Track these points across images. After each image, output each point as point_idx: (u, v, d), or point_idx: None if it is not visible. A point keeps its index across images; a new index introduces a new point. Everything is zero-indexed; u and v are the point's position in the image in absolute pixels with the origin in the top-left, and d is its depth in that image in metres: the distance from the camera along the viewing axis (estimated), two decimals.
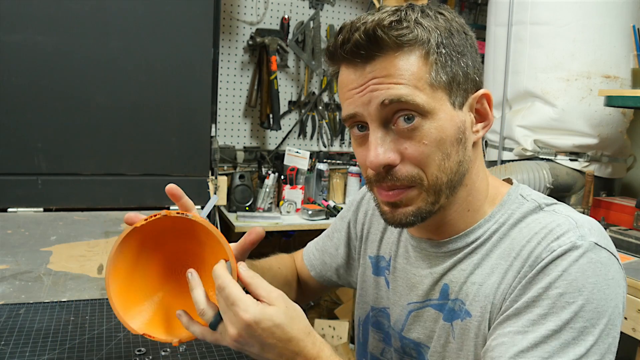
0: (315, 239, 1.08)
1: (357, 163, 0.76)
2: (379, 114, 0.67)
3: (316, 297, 2.31)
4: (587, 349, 0.62)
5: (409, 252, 0.83)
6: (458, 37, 0.69)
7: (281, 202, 2.52)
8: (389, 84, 0.66)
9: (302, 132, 2.77)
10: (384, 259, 0.90)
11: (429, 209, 0.71)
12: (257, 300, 0.64)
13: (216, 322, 0.66)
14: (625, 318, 1.51)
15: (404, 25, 0.66)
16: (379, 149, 0.68)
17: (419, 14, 0.68)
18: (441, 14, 0.70)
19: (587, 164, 2.15)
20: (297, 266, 1.09)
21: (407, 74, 0.66)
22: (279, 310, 0.63)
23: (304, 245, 1.11)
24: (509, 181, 0.81)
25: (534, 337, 0.63)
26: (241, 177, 2.50)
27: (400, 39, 0.65)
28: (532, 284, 0.66)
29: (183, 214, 0.70)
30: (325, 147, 2.81)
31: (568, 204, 2.27)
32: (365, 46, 0.66)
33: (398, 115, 0.67)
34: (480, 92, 0.72)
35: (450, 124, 0.68)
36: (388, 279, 0.88)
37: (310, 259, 1.06)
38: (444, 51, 0.67)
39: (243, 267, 0.67)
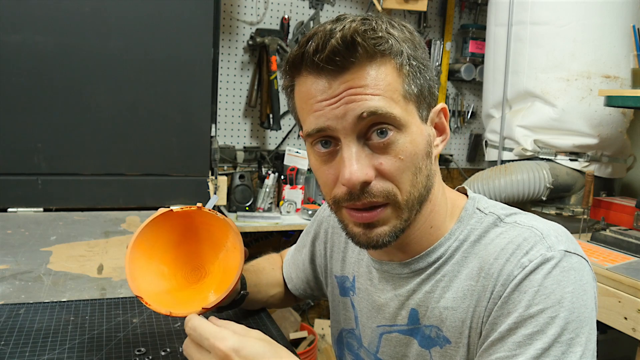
0: (292, 249, 1.07)
1: (319, 184, 0.71)
2: (354, 128, 0.64)
3: (306, 300, 2.31)
4: (578, 359, 0.61)
5: (372, 272, 0.81)
6: (421, 51, 0.69)
7: (281, 202, 2.52)
8: (365, 94, 0.63)
9: None
10: (347, 279, 0.88)
11: (403, 227, 0.68)
12: None
13: None
14: (625, 318, 1.51)
15: (379, 34, 0.64)
16: (355, 166, 0.63)
17: (388, 25, 0.66)
18: (404, 26, 0.68)
19: (587, 164, 2.15)
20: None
21: (383, 84, 0.64)
22: (259, 341, 0.62)
23: None
24: (462, 189, 0.79)
25: (524, 359, 0.61)
26: (241, 177, 2.49)
27: (377, 47, 0.63)
28: (508, 304, 0.64)
29: (214, 212, 0.80)
30: None
31: (568, 204, 2.28)
32: (343, 53, 0.62)
33: (373, 129, 0.64)
34: (439, 106, 0.72)
35: (420, 137, 0.67)
36: (353, 301, 0.86)
37: (288, 271, 1.05)
38: (414, 63, 0.66)
39: (213, 319, 0.66)
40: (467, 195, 0.78)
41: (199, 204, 0.80)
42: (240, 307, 0.95)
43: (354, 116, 0.63)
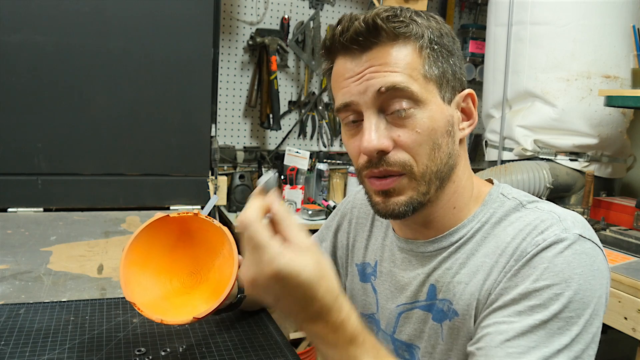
0: None
1: (349, 155, 0.78)
2: (374, 102, 0.70)
3: None
4: (572, 338, 0.63)
5: (395, 254, 0.84)
6: (447, 39, 0.74)
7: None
8: (385, 72, 0.69)
9: (302, 132, 2.77)
10: (369, 265, 0.90)
11: (420, 199, 0.72)
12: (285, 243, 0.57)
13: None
14: (625, 318, 1.51)
15: (400, 19, 0.70)
16: (373, 135, 0.69)
17: (413, 13, 0.72)
18: (432, 17, 0.74)
19: (587, 164, 2.15)
20: None
21: (403, 63, 0.69)
22: (307, 266, 0.56)
23: None
24: (490, 181, 0.83)
25: (520, 326, 0.64)
26: (241, 177, 2.49)
27: (397, 29, 0.69)
28: (517, 277, 0.67)
29: (210, 219, 0.79)
30: (325, 147, 2.81)
31: (568, 204, 2.28)
32: (364, 33, 0.69)
33: (392, 102, 0.70)
34: (466, 91, 0.76)
35: (440, 115, 0.72)
36: (374, 285, 0.88)
37: None
38: (436, 47, 0.72)
39: (277, 202, 0.60)
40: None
41: (196, 211, 0.81)
42: (238, 308, 0.96)
43: (374, 91, 0.69)
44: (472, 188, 0.79)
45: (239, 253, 0.79)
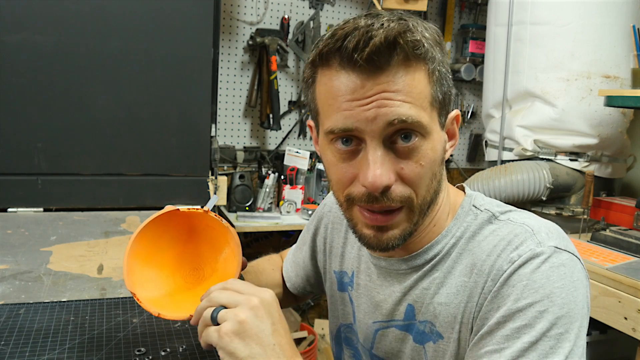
0: (293, 248, 1.07)
1: (332, 180, 0.70)
2: (382, 132, 0.63)
3: (306, 301, 2.32)
4: (565, 355, 0.61)
5: (371, 268, 0.82)
6: (445, 55, 0.69)
7: (281, 202, 2.52)
8: (397, 100, 0.62)
9: (302, 132, 2.77)
10: (346, 274, 0.88)
11: (412, 230, 0.70)
12: None
13: (217, 313, 0.67)
14: (625, 318, 1.51)
15: (417, 37, 0.63)
16: (379, 170, 0.63)
17: (423, 28, 0.65)
18: (434, 29, 0.68)
19: (587, 164, 2.15)
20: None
21: (416, 91, 0.63)
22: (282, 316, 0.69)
23: None
24: (461, 187, 0.80)
25: (510, 352, 0.61)
26: (241, 177, 2.49)
27: (415, 50, 0.63)
28: (497, 298, 0.65)
29: (219, 217, 0.79)
30: None
31: (568, 204, 2.28)
32: (384, 53, 0.61)
33: (399, 133, 0.64)
34: (455, 113, 0.73)
35: (440, 144, 0.69)
36: (351, 296, 0.86)
37: (287, 271, 1.05)
38: (442, 70, 0.67)
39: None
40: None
41: (206, 208, 0.80)
42: None
43: (385, 121, 0.63)
44: (449, 203, 0.76)
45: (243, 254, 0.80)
